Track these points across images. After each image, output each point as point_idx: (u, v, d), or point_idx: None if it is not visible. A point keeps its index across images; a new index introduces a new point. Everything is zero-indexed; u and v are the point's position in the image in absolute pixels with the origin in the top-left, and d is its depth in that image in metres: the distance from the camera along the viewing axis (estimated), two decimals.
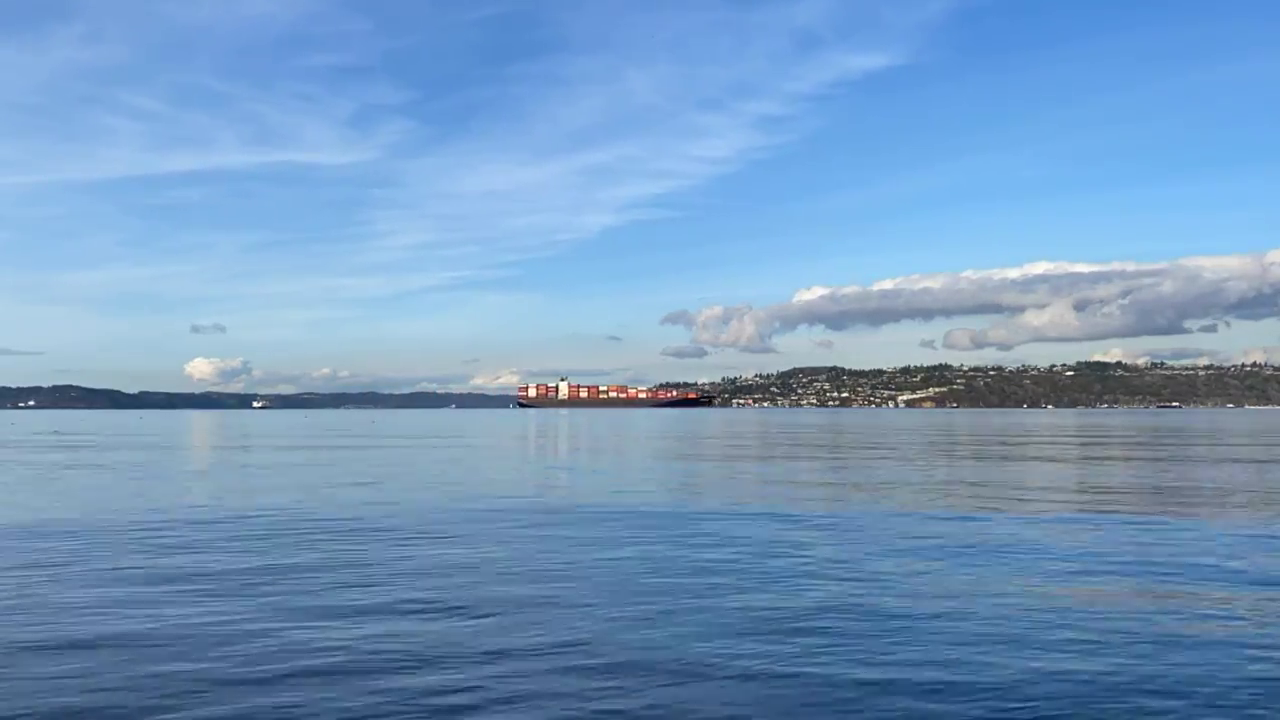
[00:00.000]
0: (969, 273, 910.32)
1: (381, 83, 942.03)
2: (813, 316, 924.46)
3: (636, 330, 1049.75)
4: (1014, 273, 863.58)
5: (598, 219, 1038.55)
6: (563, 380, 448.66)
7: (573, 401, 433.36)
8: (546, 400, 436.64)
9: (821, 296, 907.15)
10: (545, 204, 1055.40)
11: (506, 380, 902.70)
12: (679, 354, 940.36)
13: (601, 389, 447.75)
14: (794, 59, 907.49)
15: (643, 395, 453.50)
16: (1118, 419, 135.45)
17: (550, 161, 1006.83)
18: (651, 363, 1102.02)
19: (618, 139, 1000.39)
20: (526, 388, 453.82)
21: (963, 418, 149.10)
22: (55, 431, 77.63)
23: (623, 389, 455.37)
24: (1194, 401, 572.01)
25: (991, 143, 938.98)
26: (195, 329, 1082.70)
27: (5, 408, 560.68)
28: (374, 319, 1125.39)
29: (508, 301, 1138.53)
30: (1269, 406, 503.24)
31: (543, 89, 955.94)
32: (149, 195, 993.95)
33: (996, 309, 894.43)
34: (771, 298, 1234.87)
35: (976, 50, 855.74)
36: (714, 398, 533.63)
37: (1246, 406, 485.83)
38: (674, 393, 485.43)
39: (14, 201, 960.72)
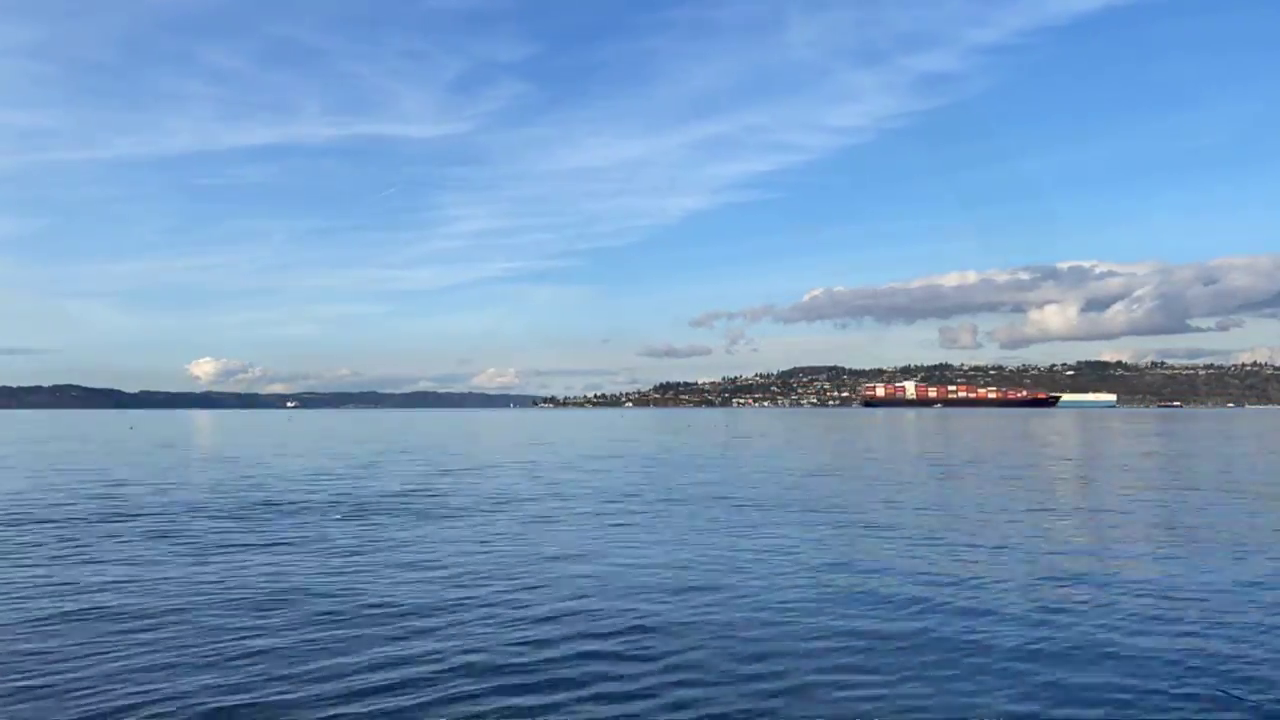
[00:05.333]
0: (990, 271, 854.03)
1: (504, 34, 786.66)
2: (814, 314, 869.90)
3: (637, 329, 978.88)
4: (1025, 274, 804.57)
5: (685, 201, 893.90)
6: (908, 380, 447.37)
7: (920, 402, 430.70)
8: (894, 401, 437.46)
9: (827, 295, 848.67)
10: (639, 183, 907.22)
11: (507, 380, 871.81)
12: (674, 354, 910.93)
13: (950, 389, 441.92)
14: None
15: (991, 396, 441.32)
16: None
17: (663, 132, 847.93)
18: (649, 363, 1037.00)
19: (749, 104, 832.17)
20: (874, 388, 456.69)
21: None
22: None
23: (971, 388, 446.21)
24: (1194, 401, 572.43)
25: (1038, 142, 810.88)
26: (148, 330, 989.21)
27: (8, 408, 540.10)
28: (409, 314, 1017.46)
29: (550, 296, 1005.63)
30: (1269, 406, 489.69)
31: (683, 42, 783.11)
32: (207, 174, 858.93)
33: (1008, 307, 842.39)
34: (776, 296, 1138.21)
35: None
36: (1058, 397, 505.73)
37: (1246, 406, 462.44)
38: (1023, 392, 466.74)
39: (63, 182, 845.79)
